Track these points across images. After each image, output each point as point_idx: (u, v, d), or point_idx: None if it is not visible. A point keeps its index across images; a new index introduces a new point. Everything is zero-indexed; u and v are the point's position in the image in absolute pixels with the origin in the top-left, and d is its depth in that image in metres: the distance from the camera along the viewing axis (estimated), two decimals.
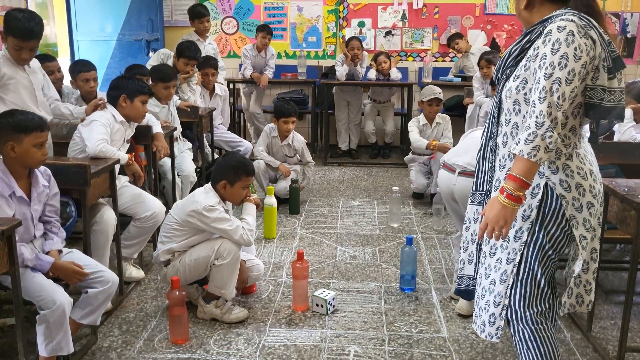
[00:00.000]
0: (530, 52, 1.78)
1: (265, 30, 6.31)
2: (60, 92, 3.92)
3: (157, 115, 4.15)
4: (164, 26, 6.97)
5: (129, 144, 3.41)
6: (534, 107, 1.68)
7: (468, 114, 5.86)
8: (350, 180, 5.76)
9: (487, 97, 5.50)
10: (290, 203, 4.67)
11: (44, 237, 2.48)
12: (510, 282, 1.89)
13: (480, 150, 2.02)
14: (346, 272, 3.54)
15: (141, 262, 3.49)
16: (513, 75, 1.84)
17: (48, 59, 3.89)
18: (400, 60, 7.07)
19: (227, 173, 2.91)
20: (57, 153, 3.33)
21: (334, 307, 3.03)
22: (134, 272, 3.34)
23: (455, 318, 2.98)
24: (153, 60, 5.10)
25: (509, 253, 1.89)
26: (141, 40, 6.88)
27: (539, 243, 1.84)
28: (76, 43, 6.79)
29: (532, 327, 1.90)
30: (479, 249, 2.00)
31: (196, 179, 4.46)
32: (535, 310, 1.90)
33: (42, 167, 2.44)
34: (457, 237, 3.18)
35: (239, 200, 3.01)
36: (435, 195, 4.46)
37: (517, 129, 1.84)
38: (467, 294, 2.05)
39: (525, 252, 1.86)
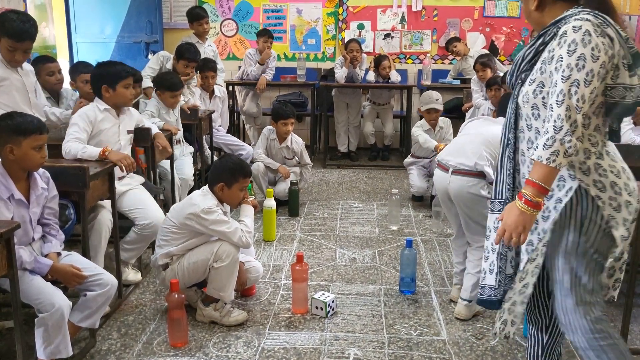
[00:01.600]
0: (545, 54, 1.74)
1: (266, 35, 6.29)
2: (59, 93, 3.92)
3: (169, 122, 4.17)
4: (163, 28, 6.96)
5: (130, 135, 3.36)
6: (552, 110, 1.65)
7: (467, 116, 5.86)
8: (350, 183, 5.76)
9: (486, 99, 5.50)
10: (290, 205, 4.67)
11: (43, 239, 2.48)
12: (530, 281, 1.87)
13: (499, 157, 1.97)
14: (346, 274, 3.54)
15: (140, 265, 3.48)
16: (529, 79, 1.80)
17: (49, 60, 3.89)
18: (400, 62, 7.07)
19: (224, 175, 2.90)
20: (58, 155, 3.31)
21: (333, 309, 3.02)
22: (132, 274, 3.33)
23: (455, 321, 2.98)
24: (152, 63, 5.10)
25: (529, 253, 1.86)
26: (140, 42, 6.88)
27: (582, 250, 1.78)
28: (75, 45, 6.79)
29: (591, 336, 1.81)
30: (501, 258, 1.94)
31: (194, 184, 4.45)
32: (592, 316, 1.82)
33: (41, 170, 2.44)
34: (454, 240, 3.17)
35: (236, 202, 3.01)
36: (435, 198, 4.45)
37: (539, 134, 1.80)
38: (490, 303, 2.00)
39: (572, 261, 1.79)
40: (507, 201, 1.90)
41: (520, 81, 1.85)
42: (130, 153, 3.42)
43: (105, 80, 3.15)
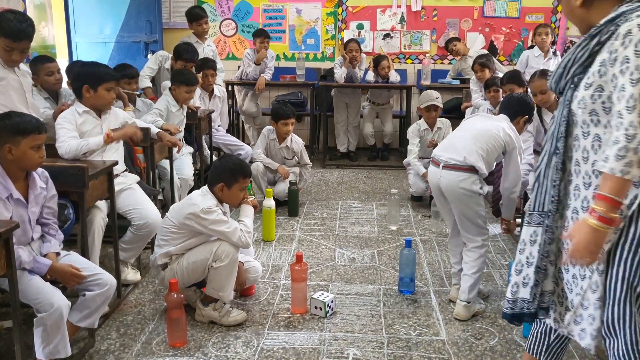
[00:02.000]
0: (605, 55, 1.60)
1: (262, 35, 6.29)
2: (58, 93, 3.91)
3: (170, 117, 4.17)
4: (162, 28, 6.96)
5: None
6: (622, 117, 1.51)
7: (466, 116, 5.85)
8: (349, 183, 5.75)
9: (485, 99, 5.50)
10: (289, 205, 4.67)
11: (42, 239, 2.47)
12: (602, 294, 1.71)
13: (539, 166, 1.85)
14: (345, 274, 3.53)
15: (139, 264, 3.48)
16: (584, 83, 1.66)
17: (48, 60, 3.88)
18: (399, 62, 7.08)
19: (224, 175, 2.90)
20: (56, 155, 3.31)
21: (332, 309, 3.02)
22: (131, 274, 3.33)
23: (454, 321, 2.98)
24: (151, 62, 5.10)
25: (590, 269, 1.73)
26: (140, 42, 6.88)
27: None
28: (74, 45, 6.78)
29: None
30: (537, 272, 1.84)
31: (193, 184, 4.45)
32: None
33: (40, 169, 2.43)
34: (451, 240, 3.16)
35: (236, 203, 3.01)
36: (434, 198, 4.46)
37: (599, 141, 1.66)
38: (519, 318, 1.91)
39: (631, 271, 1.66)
40: (550, 214, 1.79)
41: (572, 85, 1.71)
42: (126, 151, 3.41)
43: (88, 80, 3.09)
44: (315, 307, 3.00)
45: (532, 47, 5.92)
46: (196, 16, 5.67)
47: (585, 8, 1.70)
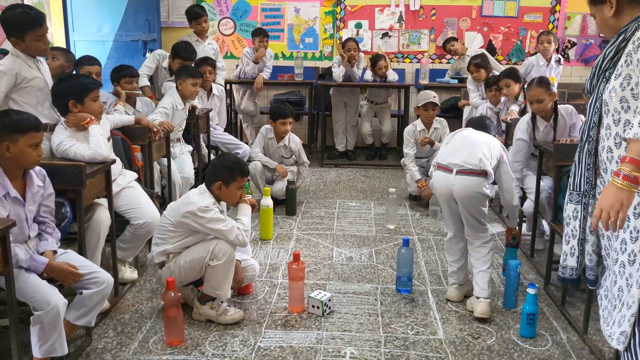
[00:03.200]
0: (630, 47, 1.77)
1: (261, 34, 6.30)
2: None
3: (175, 115, 4.17)
4: (161, 27, 6.96)
5: (110, 141, 3.28)
6: None
7: (465, 115, 5.86)
8: (347, 182, 5.76)
9: (483, 98, 5.51)
10: (287, 204, 4.67)
11: (39, 237, 2.47)
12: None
13: (577, 154, 2.02)
14: (342, 273, 3.53)
15: (136, 263, 3.48)
16: (613, 75, 1.84)
17: (89, 62, 4.00)
18: (397, 61, 7.08)
19: (222, 174, 2.90)
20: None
21: (330, 308, 3.02)
22: (128, 273, 3.33)
23: (452, 319, 2.98)
24: (149, 61, 5.09)
25: (629, 255, 1.82)
26: (138, 40, 6.87)
27: None
28: (73, 43, 6.75)
29: None
30: (580, 242, 2.06)
31: (194, 182, 4.45)
32: None
33: (37, 168, 2.43)
34: (449, 240, 3.17)
35: (234, 201, 3.00)
36: (432, 197, 4.46)
37: (631, 126, 1.76)
38: (571, 282, 2.15)
39: None
40: (586, 194, 1.99)
41: (604, 79, 1.88)
42: (124, 153, 3.41)
43: (72, 94, 2.94)
44: (313, 306, 3.00)
45: (536, 53, 5.91)
46: (196, 15, 5.68)
47: (616, 18, 1.87)
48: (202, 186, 2.96)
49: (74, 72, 4.02)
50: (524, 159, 3.95)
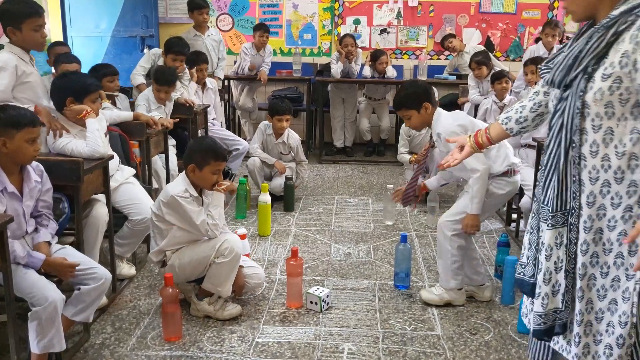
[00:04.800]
0: (626, 46, 1.56)
1: (262, 29, 6.33)
2: None
3: (149, 111, 4.14)
4: (158, 23, 6.94)
5: (107, 137, 3.32)
6: None
7: (465, 111, 5.86)
8: (345, 178, 5.75)
9: (482, 95, 5.51)
10: (285, 200, 4.67)
11: (36, 232, 2.46)
12: (635, 300, 1.64)
13: (554, 162, 1.74)
14: (340, 269, 3.54)
15: (134, 259, 3.48)
16: (600, 74, 1.61)
17: (67, 60, 3.94)
18: (396, 57, 7.08)
19: (195, 157, 2.84)
20: None
21: (328, 304, 3.02)
22: (126, 269, 3.32)
23: (450, 315, 2.98)
24: (144, 61, 5.04)
25: (626, 269, 1.67)
26: (136, 36, 6.86)
27: None
28: (70, 39, 6.74)
29: None
30: (567, 276, 1.74)
31: (178, 174, 4.41)
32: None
33: (34, 163, 2.42)
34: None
35: (209, 185, 2.90)
36: (430, 193, 4.46)
37: (612, 134, 1.62)
38: (547, 332, 1.80)
39: None
40: (574, 211, 1.71)
41: (585, 76, 1.64)
42: (122, 149, 3.40)
43: (72, 93, 2.94)
44: (311, 302, 3.00)
45: (538, 40, 5.85)
46: (197, 5, 5.74)
47: None
48: (182, 173, 2.94)
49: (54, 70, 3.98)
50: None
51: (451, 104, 6.38)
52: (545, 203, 1.76)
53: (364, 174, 5.95)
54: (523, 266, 1.90)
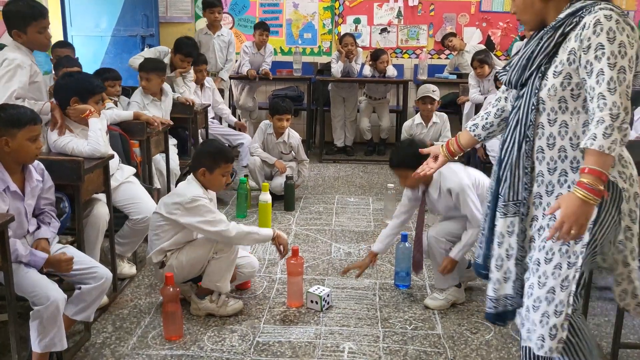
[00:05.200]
0: (573, 44, 1.69)
1: (262, 28, 6.34)
2: None
3: (144, 108, 4.13)
4: (159, 22, 6.93)
5: (107, 135, 3.31)
6: (604, 99, 1.60)
7: (465, 111, 5.87)
8: (346, 177, 5.76)
9: (482, 94, 5.51)
10: (286, 199, 4.67)
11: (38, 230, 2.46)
12: (573, 289, 1.73)
13: (508, 156, 1.86)
14: (341, 268, 3.53)
15: (135, 258, 3.48)
16: (552, 72, 1.74)
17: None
18: (396, 57, 7.08)
19: (205, 160, 2.88)
20: None
21: (328, 303, 3.02)
22: (126, 268, 3.33)
23: (450, 314, 2.98)
24: (147, 52, 5.05)
25: (569, 257, 1.74)
26: (136, 36, 6.85)
27: (591, 239, 1.73)
28: (70, 39, 6.74)
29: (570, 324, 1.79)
30: (517, 264, 1.86)
31: (180, 173, 4.41)
32: (574, 307, 1.78)
33: (35, 162, 2.43)
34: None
35: (219, 187, 2.98)
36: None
37: (566, 127, 1.75)
38: (502, 316, 1.91)
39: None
40: (525, 202, 1.83)
41: (539, 74, 1.77)
42: (124, 145, 3.40)
43: (77, 92, 2.97)
44: (312, 301, 3.00)
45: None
46: (210, 4, 5.84)
47: (544, 2, 1.81)
48: (190, 176, 2.96)
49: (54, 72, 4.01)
50: None
51: (451, 104, 6.40)
52: (501, 193, 1.88)
53: (365, 173, 5.95)
54: (476, 249, 2.06)
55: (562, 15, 1.75)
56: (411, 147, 2.98)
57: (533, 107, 1.79)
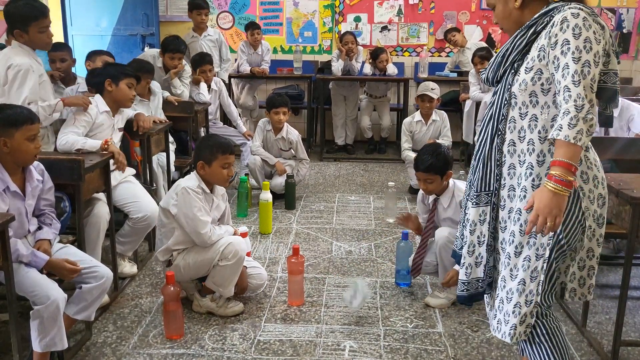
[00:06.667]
0: (543, 41, 1.76)
1: (252, 27, 6.33)
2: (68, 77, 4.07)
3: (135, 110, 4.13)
4: (159, 21, 6.94)
5: (121, 133, 3.36)
6: (569, 91, 1.66)
7: (465, 109, 5.86)
8: (346, 176, 5.75)
9: (482, 92, 5.50)
10: (286, 198, 4.67)
11: (39, 231, 2.46)
12: (542, 279, 1.82)
13: (481, 149, 1.95)
14: (342, 267, 3.54)
15: (136, 257, 3.48)
16: (524, 68, 1.82)
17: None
18: (397, 55, 7.07)
19: (203, 153, 2.89)
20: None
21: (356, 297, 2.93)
22: (127, 267, 3.33)
23: (451, 313, 2.98)
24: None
25: (537, 249, 1.82)
26: (136, 35, 6.86)
27: (556, 237, 1.79)
28: (71, 38, 6.75)
29: (543, 320, 1.90)
30: (488, 250, 1.96)
31: (177, 173, 4.40)
32: (547, 304, 1.88)
33: (35, 162, 2.43)
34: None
35: (220, 180, 2.94)
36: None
37: (536, 121, 1.81)
38: (470, 298, 2.02)
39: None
40: (495, 192, 1.92)
41: (512, 71, 1.86)
42: (122, 148, 3.40)
43: (109, 74, 3.21)
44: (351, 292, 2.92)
45: None
46: (196, 5, 5.70)
47: (521, 10, 1.88)
48: (193, 172, 2.97)
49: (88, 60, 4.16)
50: None
51: (452, 102, 6.39)
52: (473, 184, 1.97)
53: (365, 172, 5.94)
54: (456, 240, 2.14)
55: (536, 16, 1.82)
56: (443, 154, 3.05)
57: (506, 102, 1.87)
